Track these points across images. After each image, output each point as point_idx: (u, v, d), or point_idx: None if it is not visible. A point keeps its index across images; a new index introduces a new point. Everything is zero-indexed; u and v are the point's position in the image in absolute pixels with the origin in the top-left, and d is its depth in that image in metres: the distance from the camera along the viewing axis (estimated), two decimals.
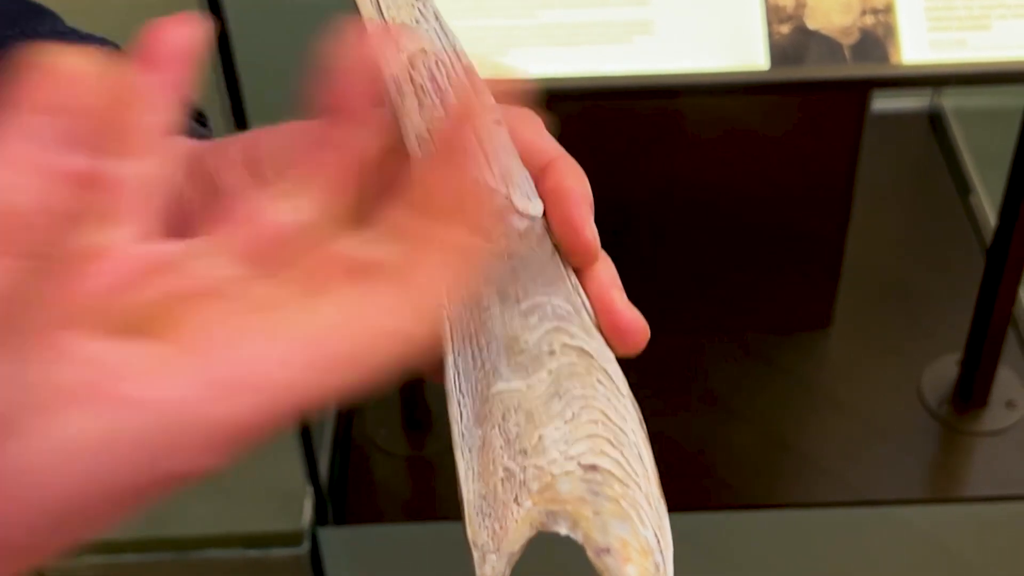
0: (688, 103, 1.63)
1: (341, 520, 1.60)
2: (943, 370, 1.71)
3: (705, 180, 1.69)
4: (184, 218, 0.39)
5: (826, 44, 1.25)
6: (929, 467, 1.65)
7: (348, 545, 1.58)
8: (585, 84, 1.24)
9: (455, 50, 0.39)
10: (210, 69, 1.27)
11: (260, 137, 0.40)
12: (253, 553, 1.55)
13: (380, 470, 1.67)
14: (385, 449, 1.67)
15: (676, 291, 1.76)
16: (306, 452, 1.53)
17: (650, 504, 0.35)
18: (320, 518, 1.57)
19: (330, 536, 1.57)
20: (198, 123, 0.47)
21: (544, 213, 0.38)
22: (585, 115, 1.55)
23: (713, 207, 1.71)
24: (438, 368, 0.38)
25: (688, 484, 1.59)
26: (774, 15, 1.25)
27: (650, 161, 1.67)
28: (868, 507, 1.60)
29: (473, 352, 0.36)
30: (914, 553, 1.59)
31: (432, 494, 1.66)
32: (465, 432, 0.36)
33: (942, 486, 1.64)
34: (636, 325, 0.37)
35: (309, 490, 1.56)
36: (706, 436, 1.65)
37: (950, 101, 2.12)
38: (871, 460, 1.64)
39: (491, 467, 0.35)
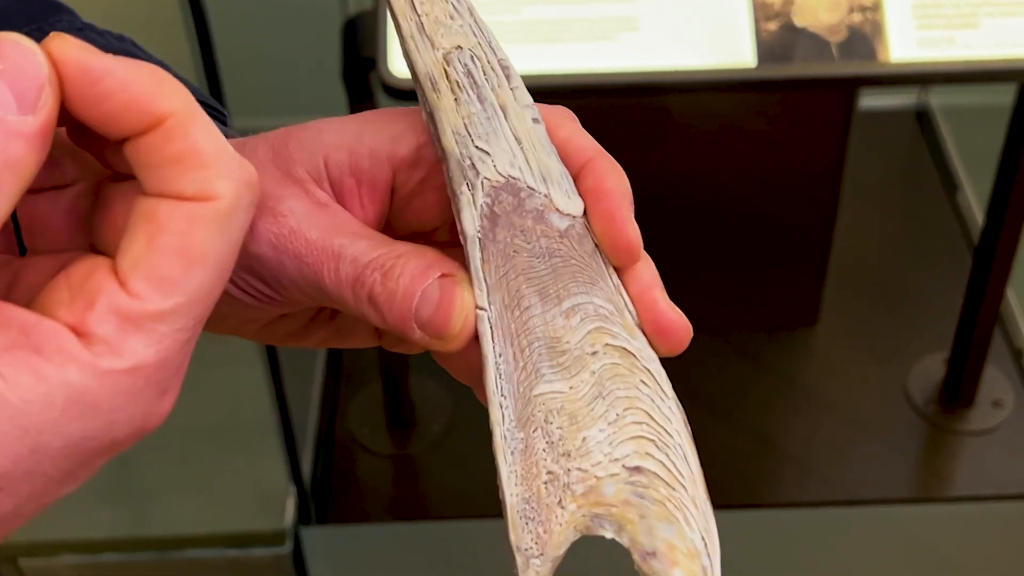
0: (674, 101, 1.62)
1: (324, 519, 1.59)
2: (930, 369, 1.71)
3: (691, 178, 1.68)
4: None
5: (813, 42, 1.24)
6: (915, 466, 1.65)
7: (331, 544, 1.57)
8: (570, 81, 1.23)
9: (490, 45, 0.39)
10: (190, 59, 1.26)
11: (289, 135, 0.39)
12: (235, 553, 1.54)
13: (363, 469, 1.66)
14: (369, 448, 1.66)
15: None
16: (289, 451, 1.52)
17: (696, 507, 0.35)
18: (303, 517, 1.56)
19: (313, 535, 1.56)
20: (219, 121, 0.47)
21: (584, 212, 0.37)
22: None
23: (700, 205, 1.71)
24: (466, 368, 0.38)
25: None
26: (761, 12, 1.24)
27: (636, 159, 1.65)
28: (854, 506, 1.60)
29: (514, 353, 0.36)
30: (900, 552, 1.59)
31: (416, 493, 1.65)
32: (507, 435, 0.35)
33: (928, 485, 1.64)
34: (679, 325, 0.37)
35: (292, 489, 1.55)
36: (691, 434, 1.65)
37: (938, 99, 2.11)
38: (857, 459, 1.64)
39: (534, 470, 0.35)
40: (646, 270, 0.37)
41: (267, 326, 0.41)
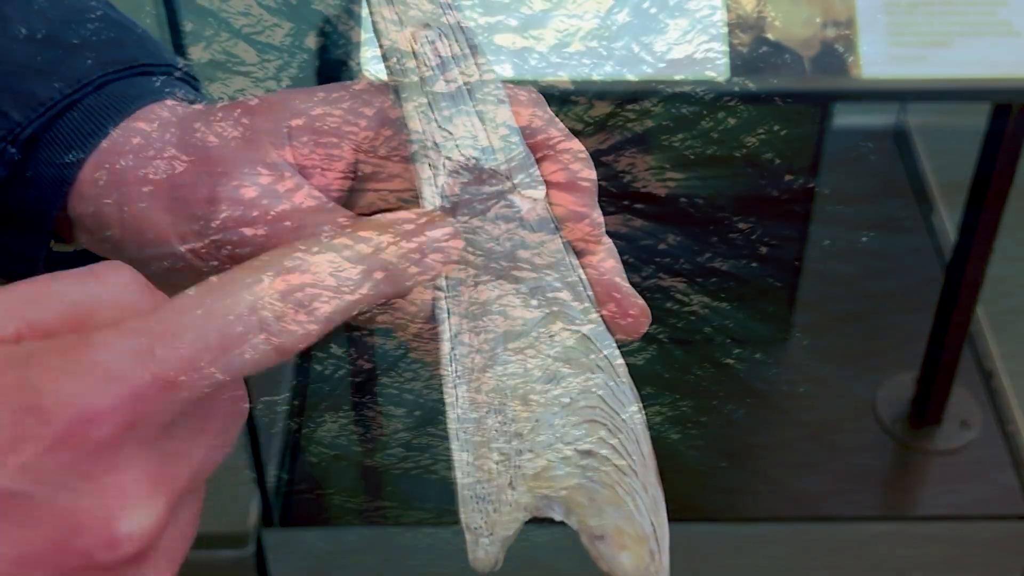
0: (648, 114, 1.62)
1: (287, 522, 1.58)
2: (899, 387, 1.71)
3: (664, 190, 1.68)
4: (174, 184, 0.38)
5: (787, 56, 1.25)
6: (882, 484, 1.65)
7: (293, 547, 1.56)
8: (543, 87, 1.22)
9: (459, 24, 0.39)
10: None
11: (259, 103, 0.39)
12: (197, 554, 1.52)
13: (329, 474, 1.65)
14: (335, 453, 1.65)
15: None
16: (253, 454, 1.51)
17: (647, 491, 0.35)
18: (265, 520, 1.55)
19: (275, 538, 1.55)
20: (192, 88, 0.46)
21: (546, 195, 0.37)
22: None
23: (672, 220, 1.71)
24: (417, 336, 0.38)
25: None
26: (735, 25, 1.25)
27: (607, 171, 1.66)
28: (820, 522, 1.60)
29: (471, 335, 0.36)
30: (864, 570, 1.58)
31: (381, 499, 1.65)
32: (461, 416, 0.35)
33: (894, 503, 1.64)
34: (638, 309, 0.37)
35: (255, 492, 1.54)
36: (658, 446, 1.64)
37: (916, 119, 2.12)
38: (824, 475, 1.64)
39: (486, 451, 0.35)
40: (608, 254, 0.37)
41: None
